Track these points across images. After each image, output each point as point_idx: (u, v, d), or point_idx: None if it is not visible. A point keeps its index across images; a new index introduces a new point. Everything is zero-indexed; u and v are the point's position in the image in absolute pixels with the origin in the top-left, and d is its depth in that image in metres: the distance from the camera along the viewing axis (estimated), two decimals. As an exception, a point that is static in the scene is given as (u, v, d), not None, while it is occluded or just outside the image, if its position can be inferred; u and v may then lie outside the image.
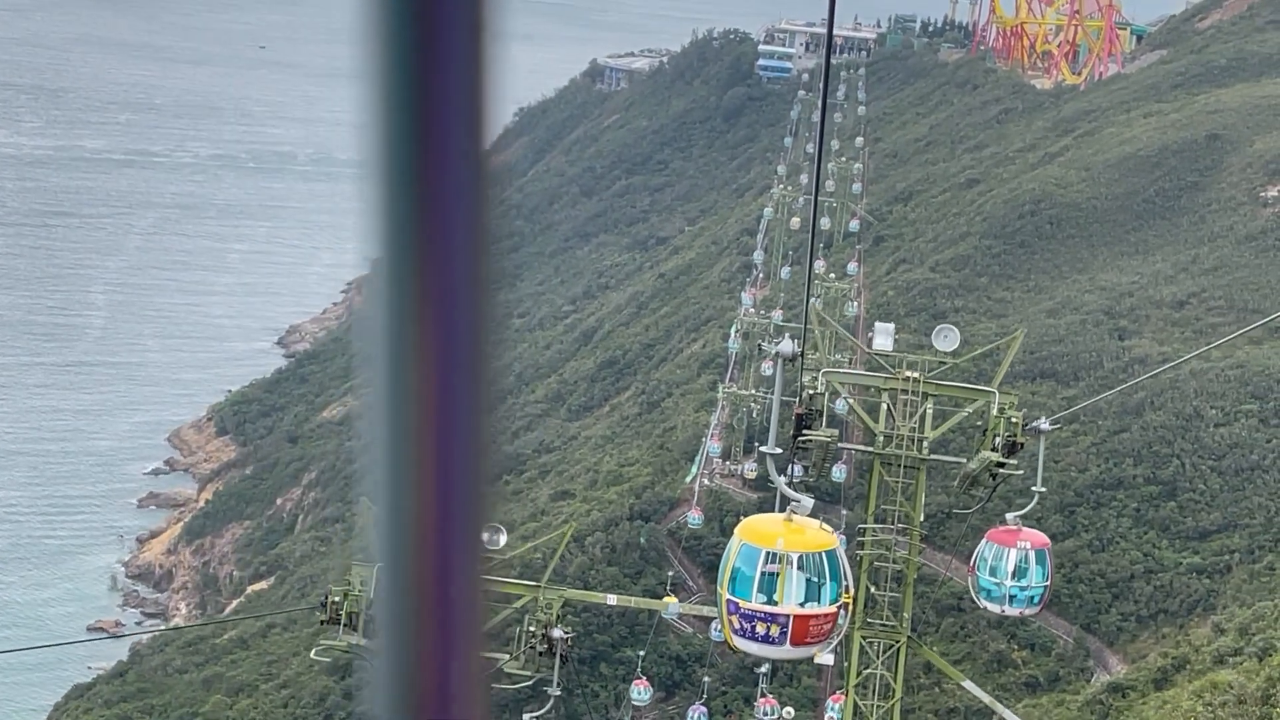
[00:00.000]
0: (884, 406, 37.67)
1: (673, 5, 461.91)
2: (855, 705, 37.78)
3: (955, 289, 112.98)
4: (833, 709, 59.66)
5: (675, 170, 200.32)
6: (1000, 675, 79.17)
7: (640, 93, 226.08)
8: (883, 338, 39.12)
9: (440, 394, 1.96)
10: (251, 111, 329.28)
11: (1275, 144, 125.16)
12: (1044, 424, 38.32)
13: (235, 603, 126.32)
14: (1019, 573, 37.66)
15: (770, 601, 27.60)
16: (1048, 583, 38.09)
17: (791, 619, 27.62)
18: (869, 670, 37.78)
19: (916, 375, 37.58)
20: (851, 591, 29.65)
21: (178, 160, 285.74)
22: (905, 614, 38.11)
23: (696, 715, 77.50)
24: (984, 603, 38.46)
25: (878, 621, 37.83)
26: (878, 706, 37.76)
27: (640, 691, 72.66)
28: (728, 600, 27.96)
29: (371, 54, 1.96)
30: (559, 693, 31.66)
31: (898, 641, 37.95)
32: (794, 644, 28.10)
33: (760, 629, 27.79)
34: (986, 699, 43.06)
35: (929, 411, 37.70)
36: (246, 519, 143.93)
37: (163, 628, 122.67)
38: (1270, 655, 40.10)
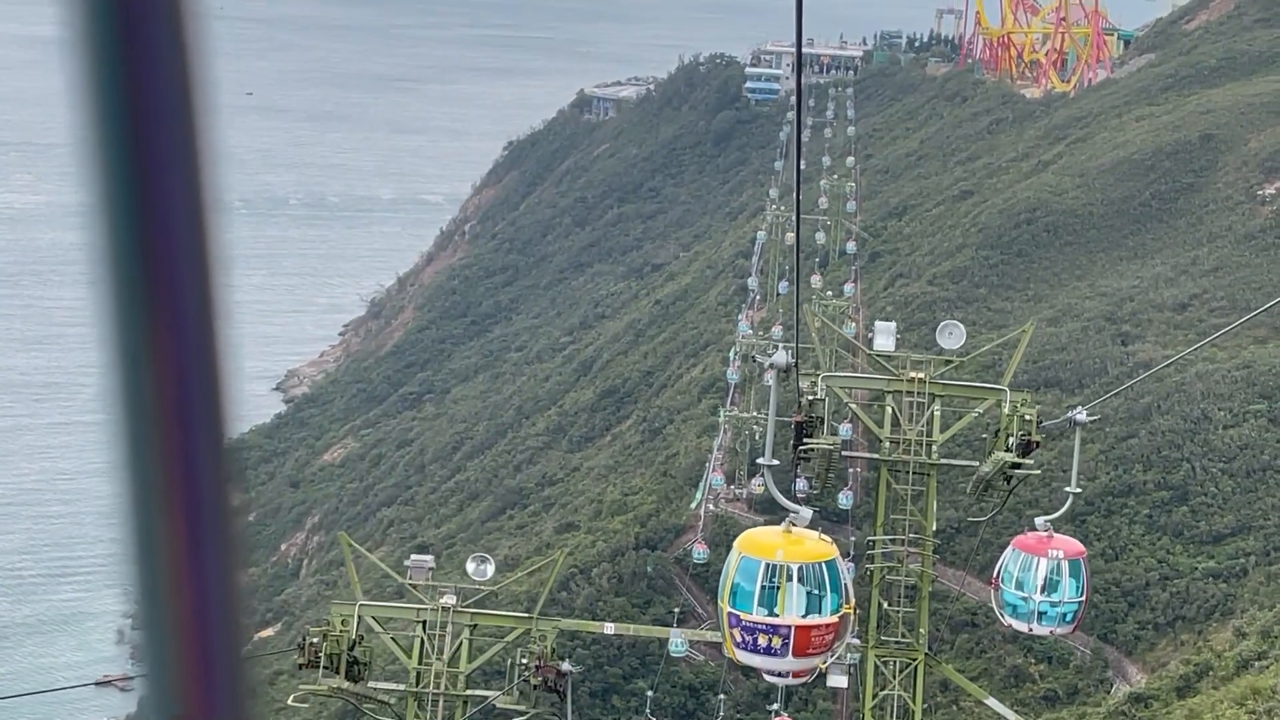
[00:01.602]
0: (888, 410, 35.61)
1: (657, 34, 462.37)
2: None
3: (954, 301, 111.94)
4: None
5: (667, 196, 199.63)
6: (1018, 690, 78.02)
7: (629, 121, 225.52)
8: (884, 337, 36.89)
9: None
10: (241, 158, 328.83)
11: (1270, 141, 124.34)
12: (1080, 414, 35.77)
13: (267, 651, 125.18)
14: (1049, 586, 34.23)
15: (771, 614, 27.32)
16: (1083, 598, 34.64)
17: (793, 630, 27.35)
18: (885, 691, 35.36)
19: (922, 376, 35.57)
20: (852, 602, 28.99)
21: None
22: (921, 630, 35.89)
23: None
24: (1009, 620, 35.20)
25: (892, 639, 35.59)
26: None
27: None
28: (729, 613, 27.71)
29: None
30: None
31: (914, 660, 35.66)
32: (796, 655, 27.80)
33: (762, 641, 27.52)
34: (1012, 716, 40.46)
35: (937, 413, 35.53)
36: (250, 566, 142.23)
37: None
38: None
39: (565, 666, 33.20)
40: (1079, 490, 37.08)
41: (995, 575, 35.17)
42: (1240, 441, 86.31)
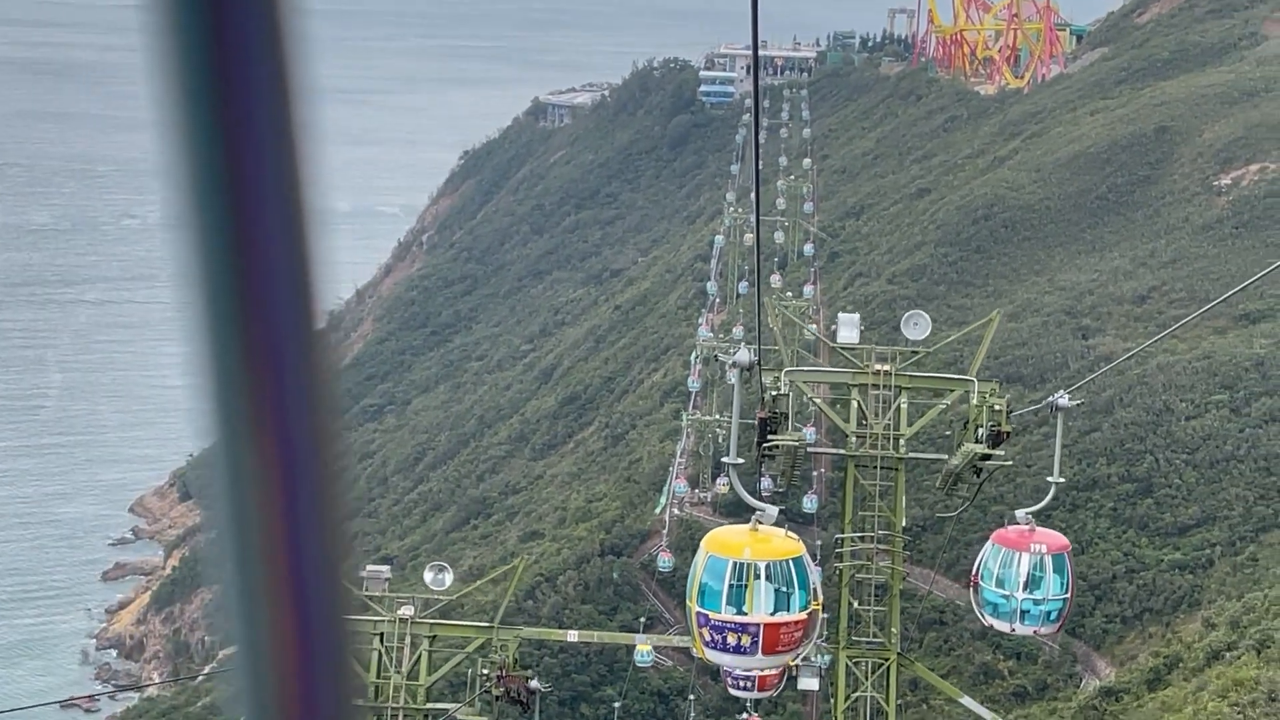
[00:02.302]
0: (854, 405, 34.27)
1: (611, 41, 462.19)
2: None
3: (914, 299, 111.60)
4: None
5: (625, 202, 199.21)
6: (988, 687, 77.77)
7: (584, 127, 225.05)
8: (847, 329, 35.39)
9: (286, 524, 1.87)
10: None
11: (1225, 132, 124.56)
12: (1063, 399, 34.13)
13: (208, 669, 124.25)
14: (1032, 583, 32.58)
15: (740, 612, 27.19)
16: (1068, 594, 32.92)
17: (762, 628, 27.22)
18: (858, 693, 33.91)
19: (887, 368, 34.26)
20: (820, 599, 28.79)
21: (124, 227, 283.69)
22: (893, 629, 34.52)
23: None
24: (990, 620, 33.61)
25: (864, 639, 34.23)
26: None
27: None
28: (697, 613, 27.59)
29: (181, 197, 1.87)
30: None
31: (887, 660, 34.26)
32: (765, 653, 27.69)
33: (731, 640, 27.34)
34: (988, 715, 39.31)
35: (904, 406, 34.20)
36: (215, 583, 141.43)
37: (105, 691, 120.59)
38: (1269, 647, 38.63)
39: (535, 685, 32.25)
40: (1062, 480, 35.63)
41: (974, 572, 33.74)
42: (1203, 432, 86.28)
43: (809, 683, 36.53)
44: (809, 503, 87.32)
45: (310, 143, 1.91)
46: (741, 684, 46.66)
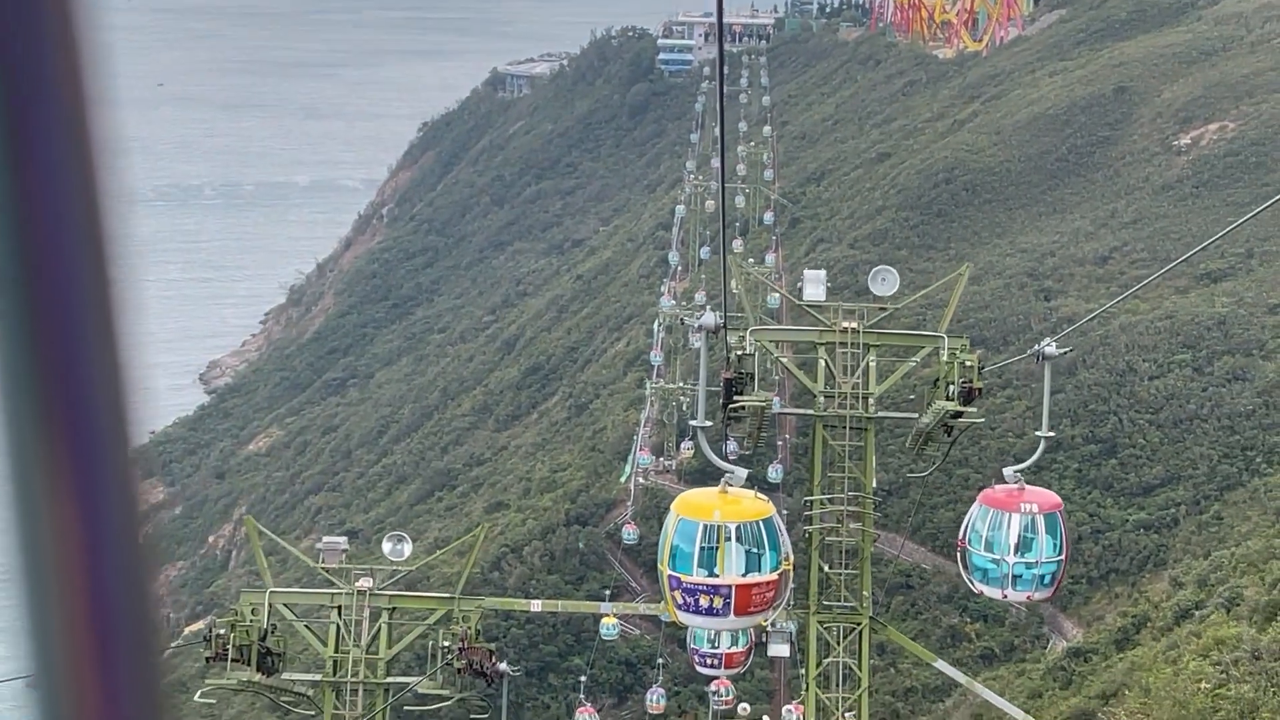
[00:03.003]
0: (821, 363, 33.17)
1: (570, 11, 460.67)
2: (817, 699, 33.18)
3: (876, 264, 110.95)
4: None
5: (585, 172, 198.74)
6: (955, 650, 77.77)
7: (543, 97, 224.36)
8: (813, 287, 34.20)
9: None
10: (155, 150, 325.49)
11: (1184, 92, 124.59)
12: (1050, 347, 32.60)
13: (173, 645, 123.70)
14: (1024, 545, 30.96)
15: (711, 574, 27.11)
16: (1062, 556, 31.50)
17: (734, 589, 27.13)
18: (829, 658, 33.04)
19: (855, 326, 33.21)
20: (791, 559, 28.51)
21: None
22: (865, 592, 33.61)
23: (655, 696, 75.79)
24: (980, 587, 31.84)
25: (834, 604, 33.25)
26: (843, 699, 33.20)
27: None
28: (669, 576, 27.52)
29: None
30: None
31: (859, 624, 33.42)
32: (738, 614, 27.61)
33: (704, 602, 27.28)
34: (962, 679, 38.72)
35: (872, 364, 33.10)
36: (179, 560, 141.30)
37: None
38: (1238, 604, 38.54)
39: (504, 668, 31.62)
40: (1051, 434, 34.21)
41: (961, 536, 32.13)
42: (1166, 392, 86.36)
43: (779, 649, 35.97)
44: (774, 472, 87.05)
45: (116, 221, 1.86)
46: (709, 662, 46.41)
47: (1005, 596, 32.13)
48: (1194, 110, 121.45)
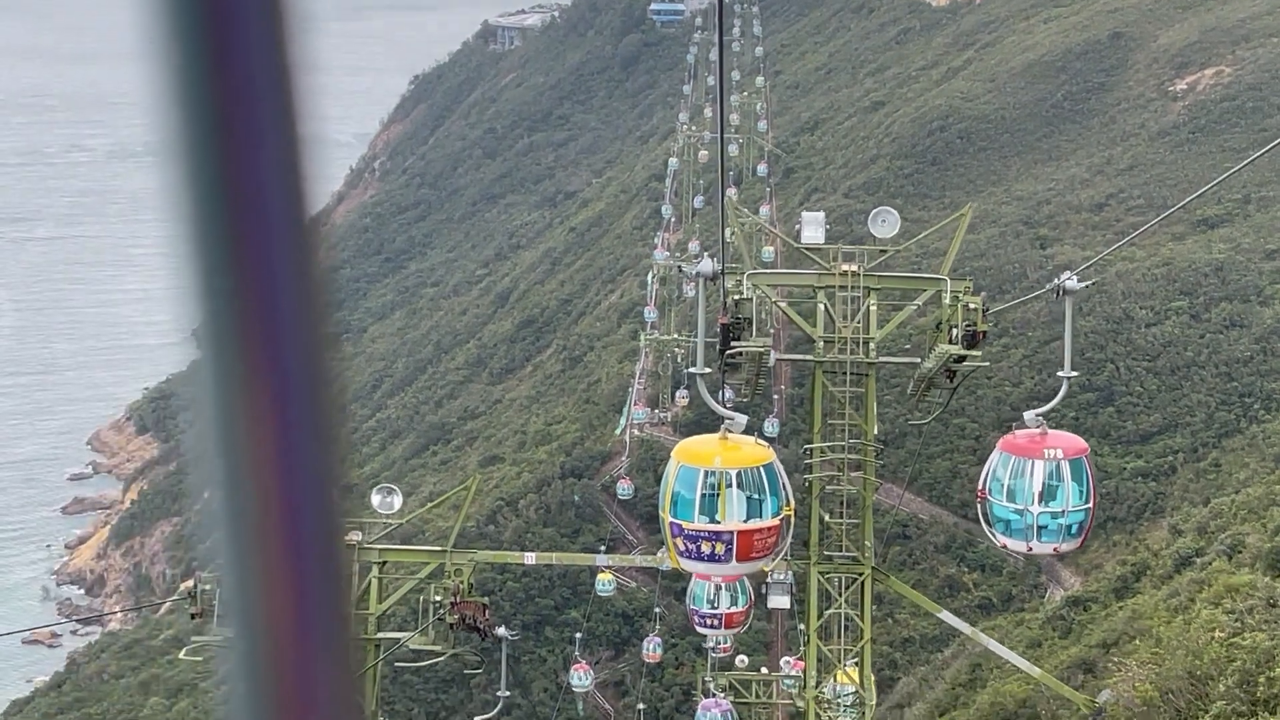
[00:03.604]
0: (820, 308, 32.01)
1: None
2: (818, 651, 32.32)
3: (869, 211, 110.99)
4: (789, 682, 54.15)
5: (577, 124, 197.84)
6: (953, 600, 77.46)
7: (535, 49, 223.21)
8: (812, 229, 33.01)
9: (279, 434, 1.81)
10: (143, 102, 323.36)
11: (1179, 37, 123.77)
12: (1071, 280, 31.21)
13: (170, 601, 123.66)
14: (1048, 494, 28.98)
15: (713, 520, 26.90)
16: (1089, 504, 29.37)
17: (735, 536, 26.94)
18: (830, 609, 32.08)
19: (855, 269, 32.11)
20: (792, 504, 28.20)
21: (74, 159, 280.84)
22: (866, 542, 32.57)
23: (652, 645, 75.53)
24: (1002, 540, 29.86)
25: (836, 554, 32.23)
26: (844, 651, 32.37)
27: (580, 676, 70.49)
28: (671, 523, 27.31)
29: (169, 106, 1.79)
30: (507, 694, 28.10)
31: (860, 574, 32.41)
32: (740, 560, 27.39)
33: (705, 548, 27.09)
34: (967, 629, 37.76)
35: (873, 308, 31.92)
36: (174, 515, 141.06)
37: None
38: (1240, 552, 38.11)
39: (501, 631, 30.73)
40: (1075, 374, 32.70)
41: (980, 486, 30.30)
42: (1163, 339, 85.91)
43: (779, 601, 35.43)
44: (770, 426, 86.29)
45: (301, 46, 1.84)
46: (708, 622, 45.95)
47: (1030, 550, 30.17)
48: (1190, 55, 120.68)
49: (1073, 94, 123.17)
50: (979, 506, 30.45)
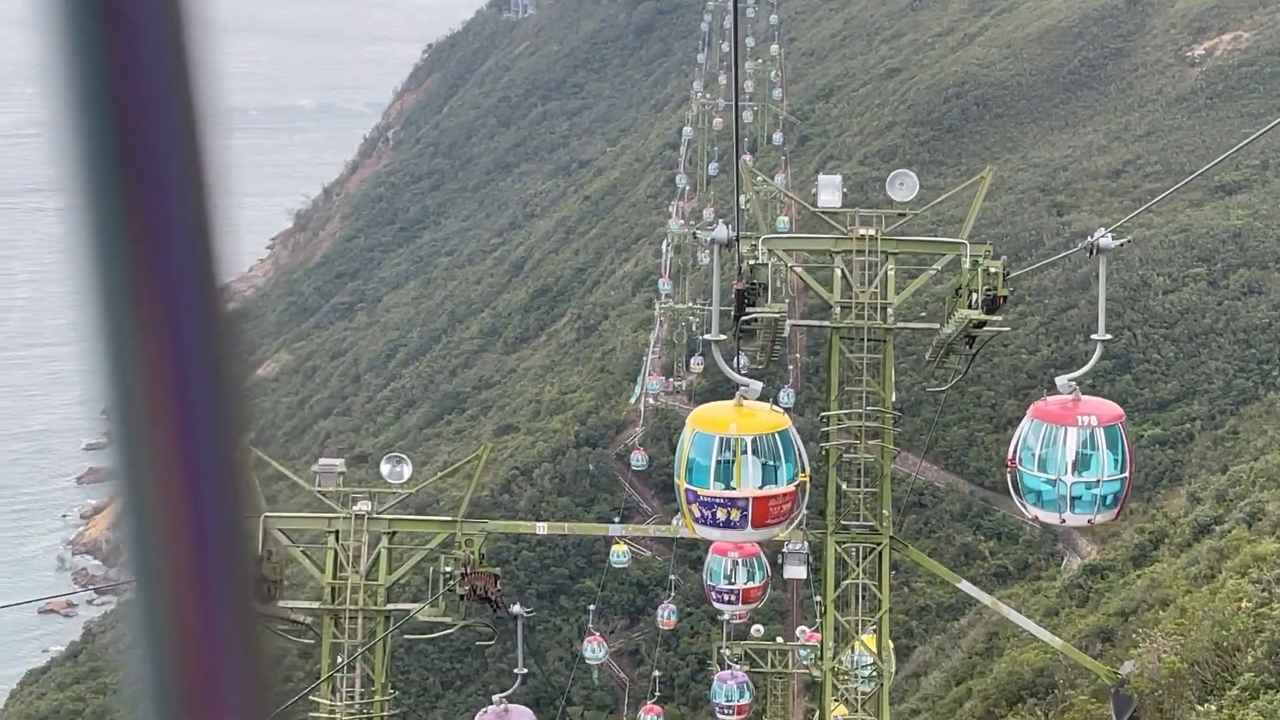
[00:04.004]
0: (837, 273, 31.15)
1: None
2: (835, 622, 31.66)
3: (886, 181, 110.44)
4: (805, 653, 53.62)
5: (591, 92, 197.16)
6: (969, 568, 77.17)
7: (548, 17, 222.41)
8: (829, 192, 32.12)
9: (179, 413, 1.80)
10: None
11: (1197, 2, 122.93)
12: (1105, 237, 29.13)
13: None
14: (1082, 463, 27.65)
15: (728, 487, 26.71)
16: (1126, 474, 27.93)
17: (751, 502, 26.74)
18: (848, 579, 31.32)
19: (873, 232, 31.31)
20: (808, 470, 27.82)
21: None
22: (884, 511, 31.75)
23: (667, 613, 75.28)
24: (1033, 511, 28.62)
25: (853, 523, 31.52)
26: (863, 621, 31.63)
27: (594, 649, 70.30)
28: (686, 489, 27.09)
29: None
30: (525, 670, 27.41)
31: (879, 544, 31.61)
32: (755, 526, 27.22)
33: (721, 515, 26.89)
34: (987, 599, 37.07)
35: (891, 273, 31.14)
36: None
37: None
38: (1260, 519, 37.75)
39: (517, 609, 29.99)
40: (1108, 337, 31.03)
41: (1010, 455, 28.83)
42: (1180, 306, 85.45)
43: (795, 571, 35.07)
44: (785, 396, 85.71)
45: (210, 98, 1.76)
46: (725, 598, 45.66)
47: (1063, 521, 28.74)
48: (1208, 20, 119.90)
49: (1089, 60, 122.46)
50: (1008, 476, 28.95)
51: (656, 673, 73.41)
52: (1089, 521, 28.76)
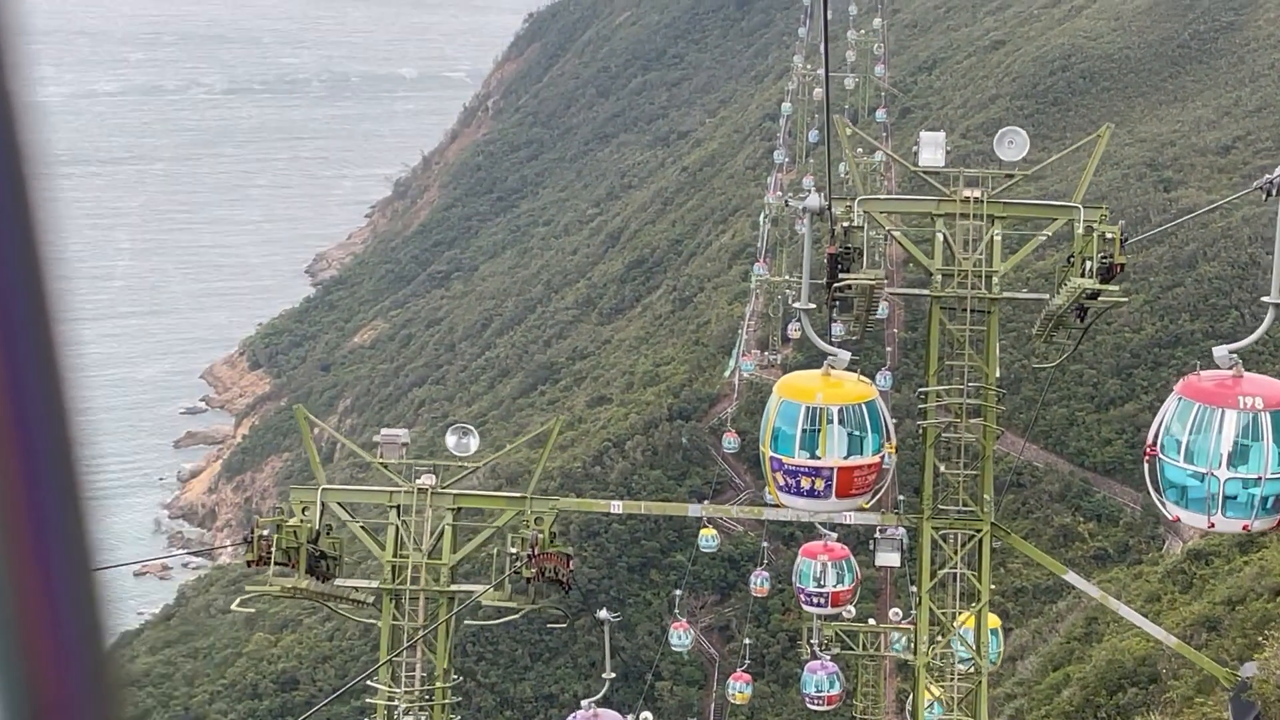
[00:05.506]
0: (939, 237, 28.69)
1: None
2: (930, 613, 29.71)
3: (989, 154, 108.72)
4: (897, 637, 51.98)
5: (691, 63, 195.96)
6: (1067, 550, 75.75)
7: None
8: (931, 150, 29.30)
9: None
10: (259, 39, 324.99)
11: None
12: None
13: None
14: (1239, 455, 22.91)
15: (813, 456, 26.05)
16: None
17: (835, 472, 26.06)
18: (944, 569, 29.12)
19: (978, 194, 28.79)
20: (894, 441, 26.92)
21: (193, 97, 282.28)
22: (985, 495, 29.26)
23: (760, 579, 74.25)
24: (1175, 511, 23.72)
25: (951, 508, 29.15)
26: (959, 613, 29.61)
27: (680, 636, 69.38)
28: (771, 458, 26.38)
29: None
30: (613, 675, 25.69)
31: (979, 531, 29.28)
32: (839, 496, 26.47)
33: (805, 484, 26.23)
34: (1096, 593, 35.22)
35: (997, 238, 28.77)
36: (285, 451, 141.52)
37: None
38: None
39: (603, 615, 27.98)
40: None
41: (1150, 440, 24.00)
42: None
43: (888, 558, 33.48)
44: (882, 380, 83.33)
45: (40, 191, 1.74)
46: (815, 600, 44.66)
47: (1212, 526, 23.66)
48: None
49: (1200, 33, 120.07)
50: (1146, 466, 24.23)
51: (748, 640, 72.50)
52: (1244, 528, 23.65)
